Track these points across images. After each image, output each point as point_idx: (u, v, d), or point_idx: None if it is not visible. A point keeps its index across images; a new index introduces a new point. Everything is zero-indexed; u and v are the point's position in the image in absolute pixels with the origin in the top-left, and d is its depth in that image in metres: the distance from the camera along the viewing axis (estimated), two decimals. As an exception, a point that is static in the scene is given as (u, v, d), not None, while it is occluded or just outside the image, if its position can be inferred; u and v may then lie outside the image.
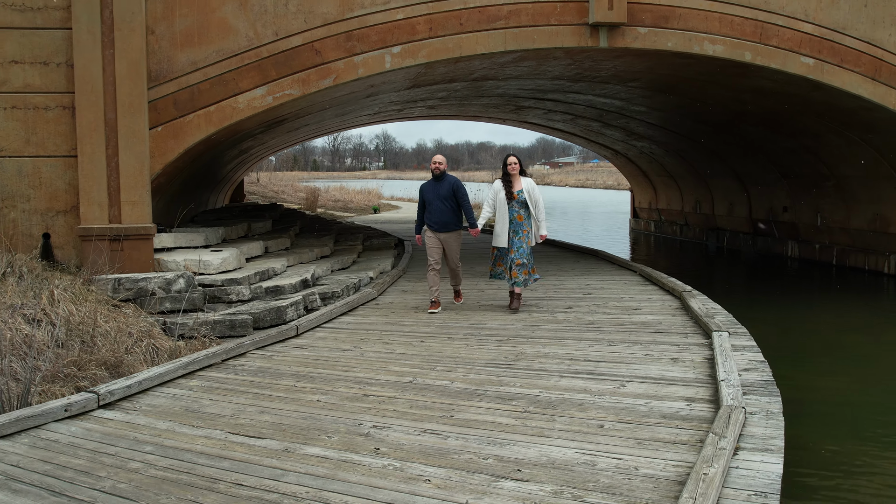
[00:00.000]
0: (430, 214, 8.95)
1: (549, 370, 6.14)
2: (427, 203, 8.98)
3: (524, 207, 8.68)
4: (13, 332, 7.18)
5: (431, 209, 8.93)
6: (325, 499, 3.74)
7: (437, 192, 8.87)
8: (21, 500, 3.79)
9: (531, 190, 8.69)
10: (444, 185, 8.89)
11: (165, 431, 4.80)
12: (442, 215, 8.87)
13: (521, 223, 8.68)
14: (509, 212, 8.67)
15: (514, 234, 8.67)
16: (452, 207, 8.90)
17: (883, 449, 6.27)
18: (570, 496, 3.73)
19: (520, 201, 8.66)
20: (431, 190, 8.96)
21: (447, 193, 8.85)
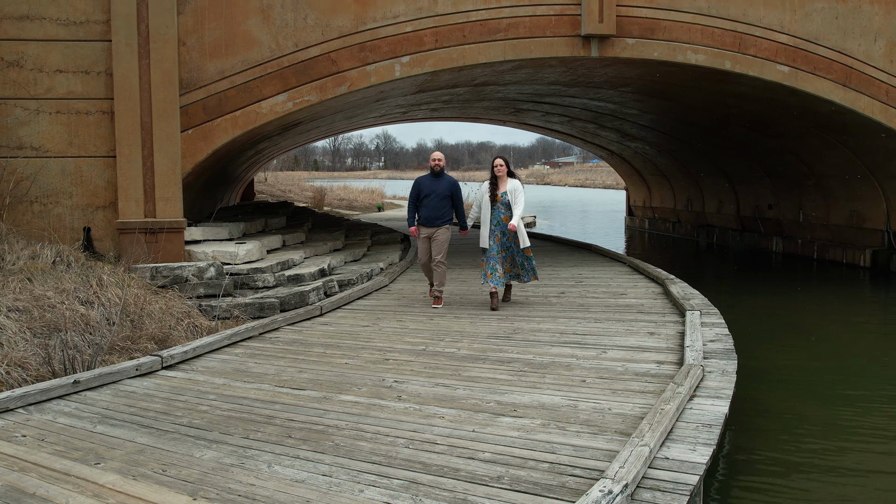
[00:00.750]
0: (423, 209, 9.06)
1: (542, 341, 7.13)
2: (423, 197, 9.06)
3: (508, 209, 8.74)
4: (71, 312, 8.18)
5: (426, 204, 9.03)
6: (362, 429, 4.73)
7: (435, 189, 9.01)
8: (119, 431, 4.78)
9: (514, 190, 8.75)
10: (444, 184, 9.06)
11: (222, 385, 5.79)
12: (435, 211, 9.00)
13: (505, 224, 8.75)
14: (495, 213, 8.77)
15: (502, 234, 8.78)
16: (448, 205, 9.06)
17: (822, 404, 7.21)
18: (555, 427, 4.71)
19: (504, 203, 8.76)
20: (429, 185, 9.06)
21: (445, 192, 9.03)
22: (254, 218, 14.03)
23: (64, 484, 3.95)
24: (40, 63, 10.56)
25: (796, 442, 6.19)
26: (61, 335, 7.41)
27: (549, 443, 4.41)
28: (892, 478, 5.44)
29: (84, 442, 4.59)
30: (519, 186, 8.81)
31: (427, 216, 9.07)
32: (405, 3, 11.23)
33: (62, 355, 6.73)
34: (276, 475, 4.01)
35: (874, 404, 7.24)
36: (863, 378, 8.25)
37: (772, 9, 12.27)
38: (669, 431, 4.55)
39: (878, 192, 15.33)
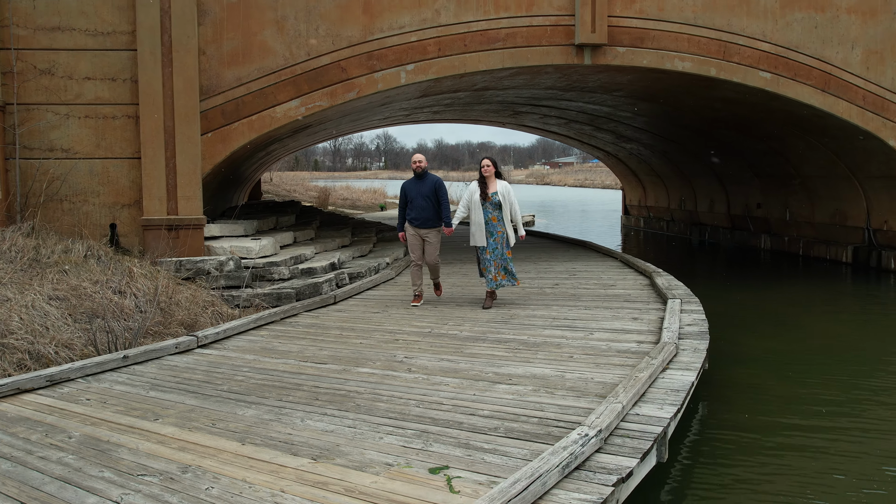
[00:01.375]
0: (410, 211, 9.20)
1: (536, 324, 7.91)
2: (409, 200, 9.23)
3: (498, 209, 8.85)
4: (106, 300, 8.96)
5: (413, 206, 9.17)
6: (378, 393, 5.50)
7: (420, 190, 9.12)
8: (169, 395, 5.56)
9: (506, 193, 8.92)
10: (427, 184, 9.15)
11: (253, 360, 6.57)
12: (423, 212, 9.09)
13: (495, 224, 8.86)
14: (483, 213, 8.85)
15: (489, 234, 8.85)
16: (433, 205, 9.13)
17: (788, 381, 7.96)
18: (544, 392, 5.48)
19: (494, 203, 8.85)
20: (413, 188, 9.20)
21: (429, 192, 9.11)
22: (265, 216, 14.79)
23: (131, 434, 4.73)
24: (70, 70, 11.33)
25: (759, 411, 6.94)
26: (100, 320, 8.20)
27: (538, 403, 5.19)
28: (839, 441, 6.17)
29: (141, 404, 5.37)
30: (510, 189, 9.02)
31: (416, 217, 9.16)
32: (410, 14, 12.00)
33: (106, 337, 7.51)
34: (309, 427, 4.79)
35: (834, 380, 7.99)
36: (830, 360, 9.00)
37: (754, 19, 13.05)
38: (642, 395, 5.33)
39: (859, 191, 16.10)
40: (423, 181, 9.20)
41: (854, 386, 7.83)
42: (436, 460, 4.17)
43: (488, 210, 8.89)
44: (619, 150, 25.75)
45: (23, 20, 11.18)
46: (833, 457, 5.82)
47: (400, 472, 4.01)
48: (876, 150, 14.30)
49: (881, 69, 13.62)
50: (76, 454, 4.39)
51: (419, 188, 9.18)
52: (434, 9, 12.06)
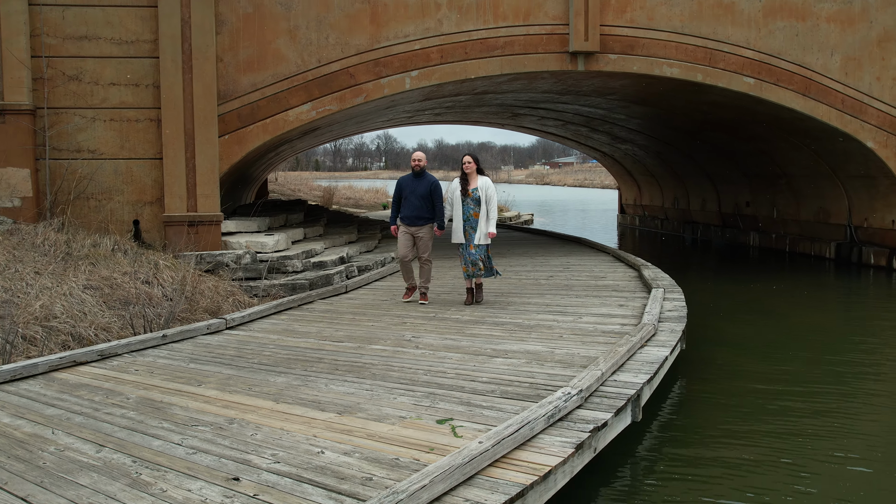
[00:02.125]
0: (405, 209, 9.18)
1: (530, 310, 8.70)
2: (404, 197, 9.20)
3: (479, 205, 8.91)
4: (136, 290, 9.75)
5: (407, 204, 9.14)
6: (390, 365, 6.29)
7: (415, 189, 9.12)
8: (207, 367, 6.35)
9: (486, 188, 8.93)
10: (424, 183, 9.15)
11: (276, 339, 7.36)
12: (416, 210, 9.10)
13: (476, 220, 8.92)
14: (464, 209, 8.93)
15: (471, 229, 8.95)
16: (428, 205, 9.12)
17: (760, 360, 8.73)
18: (536, 363, 6.27)
19: (474, 199, 8.91)
20: (409, 185, 9.19)
21: (425, 192, 9.10)
22: (276, 213, 15.57)
23: (179, 396, 5.52)
24: (96, 77, 12.12)
25: (731, 384, 7.72)
26: (133, 307, 9.00)
27: (530, 372, 5.98)
28: (803, 414, 6.93)
29: (183, 373, 6.16)
30: (491, 184, 9.04)
31: (409, 215, 9.15)
32: (414, 23, 12.79)
33: (142, 321, 8.31)
34: (332, 390, 5.58)
35: (804, 358, 8.76)
36: (803, 343, 9.77)
37: (739, 27, 13.83)
38: (621, 365, 6.11)
39: (841, 190, 16.89)
40: (421, 180, 9.19)
41: (822, 363, 8.61)
42: (442, 414, 4.96)
43: (469, 206, 8.94)
44: (614, 150, 26.55)
45: (53, 30, 11.97)
46: (797, 419, 6.59)
47: (412, 423, 4.80)
48: (855, 151, 15.09)
49: (859, 75, 14.41)
50: (136, 410, 5.18)
51: (415, 186, 9.16)
52: (437, 18, 12.85)
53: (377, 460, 4.16)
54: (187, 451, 4.38)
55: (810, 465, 5.56)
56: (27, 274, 9.47)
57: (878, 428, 6.52)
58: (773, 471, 5.44)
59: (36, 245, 10.87)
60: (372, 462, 4.14)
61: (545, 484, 4.13)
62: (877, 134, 14.63)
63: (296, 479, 3.92)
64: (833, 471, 5.47)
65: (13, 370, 6.01)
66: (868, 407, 7.13)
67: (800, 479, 5.31)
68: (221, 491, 3.79)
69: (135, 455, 4.32)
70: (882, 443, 6.12)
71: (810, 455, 5.78)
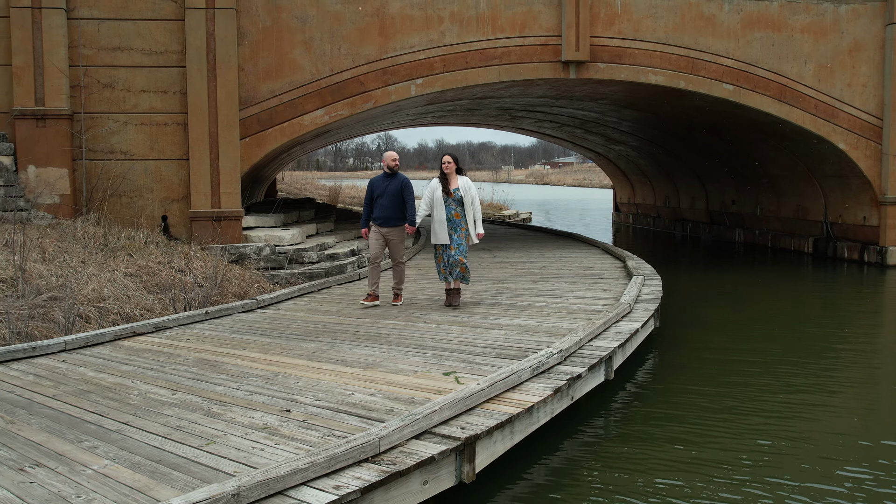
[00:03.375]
0: (377, 209, 9.05)
1: (524, 294, 9.83)
2: (376, 198, 9.07)
3: (460, 205, 8.78)
4: (171, 277, 10.88)
5: (379, 204, 9.01)
6: (403, 335, 7.42)
7: (388, 189, 8.98)
8: (247, 336, 7.49)
9: (467, 188, 8.80)
10: (395, 183, 9.01)
11: (302, 316, 8.51)
12: (388, 210, 8.95)
13: (458, 221, 8.79)
14: (446, 210, 8.78)
15: (452, 230, 8.81)
16: (399, 204, 8.99)
17: (728, 338, 9.83)
18: (526, 334, 7.40)
19: (456, 199, 8.78)
20: (381, 185, 9.05)
21: (396, 191, 8.97)
22: (289, 210, 16.69)
23: (229, 357, 6.65)
24: (128, 84, 13.24)
25: (699, 357, 8.83)
26: (170, 292, 10.13)
27: (521, 339, 7.12)
28: (762, 380, 8.03)
29: (228, 341, 7.30)
30: (471, 185, 8.90)
31: (381, 216, 9.02)
32: (419, 35, 13.92)
33: (181, 303, 9.45)
34: (356, 353, 6.71)
35: (767, 336, 9.87)
36: (771, 325, 10.88)
37: (719, 38, 14.97)
38: (598, 335, 7.25)
39: (818, 189, 18.02)
40: (393, 180, 9.06)
41: (785, 341, 9.74)
42: (447, 369, 6.10)
43: (451, 206, 8.81)
44: (608, 151, 27.68)
45: (89, 41, 13.10)
46: (757, 385, 7.71)
47: (423, 375, 5.94)
48: (828, 152, 16.22)
49: (831, 81, 15.55)
50: (195, 367, 6.32)
51: (388, 186, 9.02)
52: (440, 31, 13.98)
53: (397, 398, 5.30)
54: (245, 393, 5.52)
55: (765, 422, 6.68)
56: (74, 263, 10.60)
57: (825, 388, 7.63)
58: (733, 426, 6.56)
59: (77, 238, 11.99)
60: (392, 399, 5.28)
61: (529, 417, 5.27)
62: (848, 136, 15.76)
63: (334, 411, 5.06)
64: (784, 424, 6.59)
65: (86, 338, 7.15)
66: (821, 375, 8.24)
67: (756, 433, 6.44)
68: (277, 418, 4.93)
69: (203, 396, 5.46)
70: (824, 396, 7.25)
71: (766, 413, 6.90)
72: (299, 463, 3.89)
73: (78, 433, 4.69)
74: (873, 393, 7.80)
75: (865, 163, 15.95)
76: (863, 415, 6.85)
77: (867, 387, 7.95)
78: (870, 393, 7.77)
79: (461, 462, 4.57)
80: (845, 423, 6.51)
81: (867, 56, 15.73)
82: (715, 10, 14.96)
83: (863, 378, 8.22)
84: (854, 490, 5.04)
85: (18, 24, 12.72)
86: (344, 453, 4.08)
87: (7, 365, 6.50)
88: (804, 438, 6.09)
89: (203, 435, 4.61)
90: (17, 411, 5.19)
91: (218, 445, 4.42)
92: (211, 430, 4.71)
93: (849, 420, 6.63)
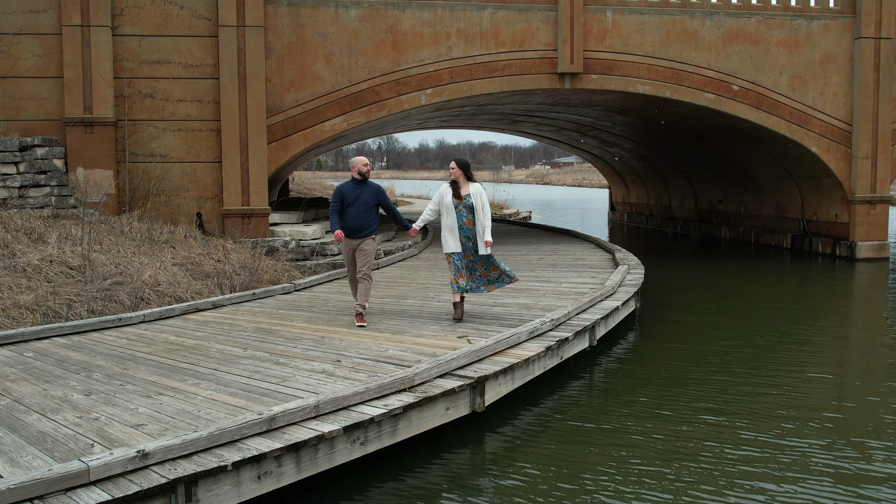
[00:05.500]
0: (347, 219, 8.27)
1: (523, 280, 11.27)
2: (346, 206, 8.28)
3: (472, 212, 8.36)
4: (212, 266, 12.34)
5: (350, 213, 8.26)
6: (421, 310, 8.89)
7: (360, 197, 8.31)
8: (290, 311, 8.96)
9: (479, 195, 8.39)
10: (369, 191, 8.37)
11: (334, 297, 9.98)
12: (359, 221, 8.27)
13: (471, 228, 8.38)
14: (457, 217, 8.37)
15: (466, 239, 8.39)
16: (373, 215, 8.41)
17: (701, 318, 11.28)
18: (524, 310, 8.86)
19: (467, 206, 8.36)
20: (352, 193, 8.30)
21: (371, 200, 8.37)
22: (307, 208, 18.17)
23: (281, 326, 8.12)
24: (167, 94, 14.72)
25: (676, 333, 10.28)
26: (213, 278, 11.60)
27: (520, 313, 8.59)
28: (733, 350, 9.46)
29: (276, 315, 8.78)
30: (482, 192, 8.49)
31: (351, 227, 8.28)
32: (428, 50, 15.39)
33: (228, 288, 10.92)
34: (385, 323, 8.18)
35: (738, 317, 11.32)
36: (743, 308, 12.34)
37: (701, 51, 16.43)
38: (584, 310, 8.72)
39: (795, 188, 19.49)
40: (365, 187, 8.37)
41: (755, 321, 11.21)
42: (461, 334, 7.57)
43: (462, 214, 8.38)
44: (604, 153, 29.16)
45: (131, 56, 14.57)
46: (728, 355, 9.17)
47: (442, 338, 7.40)
48: (803, 155, 17.69)
49: (804, 90, 17.01)
50: (255, 333, 7.79)
51: (359, 194, 8.32)
52: (447, 45, 15.45)
53: (422, 353, 6.77)
54: (302, 350, 7.00)
55: (729, 379, 8.14)
56: (128, 254, 12.08)
57: (786, 360, 9.10)
58: (706, 387, 8.02)
59: (125, 232, 13.47)
60: (419, 354, 6.75)
61: (526, 367, 6.76)
62: (820, 141, 17.23)
63: (374, 361, 6.53)
64: (745, 380, 8.06)
65: (160, 311, 8.64)
66: (785, 350, 9.70)
67: (726, 396, 7.90)
68: (332, 366, 6.40)
69: (269, 352, 6.94)
70: (783, 361, 8.71)
71: (732, 373, 8.36)
72: (358, 388, 5.37)
73: (181, 375, 6.16)
74: (831, 354, 9.26)
75: (836, 165, 17.41)
76: (813, 366, 8.32)
77: (824, 351, 9.42)
78: (827, 355, 9.24)
79: (474, 395, 6.05)
80: (800, 380, 7.99)
81: (837, 67, 17.19)
82: (697, 26, 16.43)
83: (821, 346, 9.69)
84: (801, 428, 6.51)
85: (69, 41, 14.20)
86: (389, 383, 5.56)
87: (101, 332, 7.98)
88: (762, 390, 7.57)
89: (277, 376, 6.08)
90: (126, 362, 6.66)
91: (291, 382, 5.89)
92: (282, 373, 6.18)
93: (801, 375, 8.11)
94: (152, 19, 14.56)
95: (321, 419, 5.01)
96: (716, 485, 5.16)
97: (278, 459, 4.59)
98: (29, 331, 7.68)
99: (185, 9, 14.61)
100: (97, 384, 5.92)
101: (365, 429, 5.11)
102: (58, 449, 4.48)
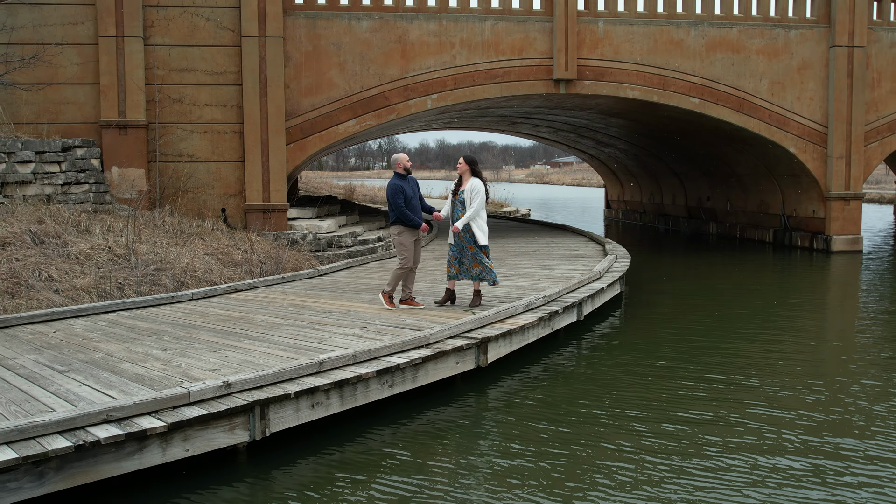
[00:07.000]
0: (415, 213, 8.90)
1: (520, 267, 12.62)
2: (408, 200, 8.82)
3: (465, 207, 8.76)
4: (240, 255, 13.65)
5: (414, 207, 8.91)
6: (431, 291, 10.20)
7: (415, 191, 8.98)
8: (317, 291, 10.27)
9: (471, 189, 8.69)
10: (415, 185, 9.07)
11: (353, 280, 11.30)
12: (421, 213, 9.01)
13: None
14: (453, 210, 8.92)
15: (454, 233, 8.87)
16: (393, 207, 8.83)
17: (683, 301, 12.57)
18: (521, 290, 10.17)
19: (460, 200, 8.80)
20: (408, 188, 8.88)
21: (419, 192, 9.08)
22: (320, 205, 19.49)
23: (311, 302, 9.43)
24: (194, 99, 16.02)
25: (659, 313, 11.58)
26: (242, 266, 12.91)
27: (517, 293, 9.90)
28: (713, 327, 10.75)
29: (305, 294, 10.09)
30: (478, 186, 8.73)
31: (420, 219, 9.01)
32: (434, 58, 16.70)
33: (257, 274, 12.23)
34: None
35: (718, 299, 12.61)
36: (722, 293, 13.64)
37: (686, 59, 17.73)
38: (573, 290, 10.03)
39: (776, 186, 20.79)
40: (412, 181, 9.04)
41: (733, 304, 12.51)
42: (466, 308, 8.87)
43: (457, 208, 8.89)
44: (599, 153, 30.47)
45: (161, 64, 15.87)
46: (709, 332, 10.46)
47: (450, 312, 8.70)
48: (782, 155, 18.99)
49: (783, 95, 18.31)
50: (291, 307, 9.10)
51: (413, 188, 8.98)
52: (451, 54, 16.76)
53: (435, 322, 8.08)
54: (333, 319, 8.31)
55: (706, 348, 9.44)
56: (164, 245, 13.38)
57: (760, 330, 10.39)
58: (685, 362, 9.33)
59: (158, 226, 14.77)
60: (433, 323, 8.06)
61: (522, 333, 8.08)
62: (798, 142, 18.53)
63: (395, 327, 7.84)
64: (721, 349, 9.36)
65: (205, 291, 9.96)
66: (757, 329, 10.99)
67: (697, 362, 9.21)
68: (360, 330, 7.72)
69: (306, 321, 8.25)
70: (754, 333, 10.01)
71: (707, 345, 9.66)
72: (385, 342, 6.69)
73: (236, 337, 7.48)
74: (795, 322, 10.57)
75: (813, 164, 18.71)
76: (777, 336, 9.63)
77: (791, 329, 10.72)
78: (791, 322, 10.54)
79: (479, 353, 7.37)
80: (767, 342, 9.30)
81: (814, 73, 18.49)
82: (683, 36, 17.73)
83: (792, 326, 11.00)
84: (769, 396, 7.83)
85: (105, 51, 15.51)
86: (410, 340, 6.88)
87: (157, 308, 9.30)
88: (731, 358, 8.88)
89: (316, 337, 7.39)
90: (187, 328, 7.97)
91: (328, 342, 7.19)
92: (320, 335, 7.49)
93: (765, 342, 9.42)
94: (181, 30, 15.86)
95: (358, 365, 6.32)
96: (678, 420, 6.49)
97: (327, 393, 5.90)
98: (98, 305, 9.00)
99: (211, 21, 15.91)
100: (169, 343, 7.23)
101: (392, 374, 6.43)
102: (155, 385, 5.78)
